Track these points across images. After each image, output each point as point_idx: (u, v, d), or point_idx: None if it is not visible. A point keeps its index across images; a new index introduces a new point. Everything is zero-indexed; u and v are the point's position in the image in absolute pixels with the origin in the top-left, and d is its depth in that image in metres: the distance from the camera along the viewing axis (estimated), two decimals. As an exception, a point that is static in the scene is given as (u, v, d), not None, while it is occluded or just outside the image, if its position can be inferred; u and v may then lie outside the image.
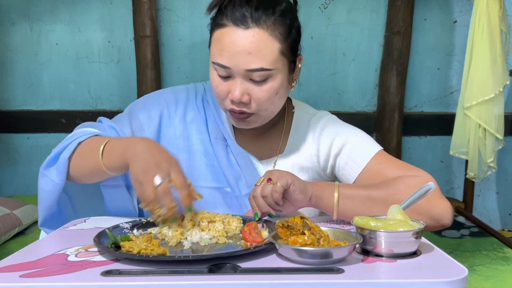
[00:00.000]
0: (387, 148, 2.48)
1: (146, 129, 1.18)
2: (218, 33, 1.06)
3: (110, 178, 1.10)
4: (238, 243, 0.90)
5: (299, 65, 1.16)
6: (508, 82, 2.26)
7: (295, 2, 1.15)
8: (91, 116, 2.53)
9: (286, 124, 1.24)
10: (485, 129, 2.27)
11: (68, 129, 2.52)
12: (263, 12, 1.03)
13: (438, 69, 2.64)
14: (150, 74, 2.46)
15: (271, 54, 1.04)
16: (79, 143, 1.10)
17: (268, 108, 1.10)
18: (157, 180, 0.92)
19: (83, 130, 1.15)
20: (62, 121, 2.54)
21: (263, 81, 1.06)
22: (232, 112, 1.10)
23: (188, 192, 0.94)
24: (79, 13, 2.49)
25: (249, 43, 1.03)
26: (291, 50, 1.10)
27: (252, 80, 1.06)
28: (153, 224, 1.01)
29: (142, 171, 0.94)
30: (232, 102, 1.08)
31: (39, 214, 1.16)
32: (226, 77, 1.07)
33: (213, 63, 1.07)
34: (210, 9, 1.09)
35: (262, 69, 1.04)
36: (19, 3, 2.47)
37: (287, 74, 1.11)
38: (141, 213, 1.16)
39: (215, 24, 1.08)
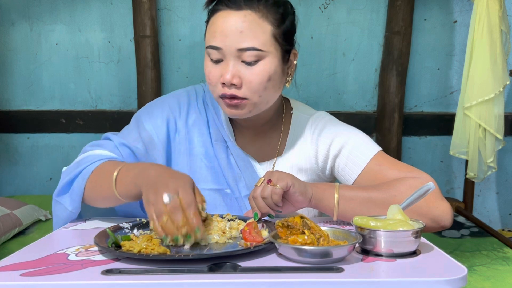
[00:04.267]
0: (387, 148, 2.48)
1: (155, 139, 1.18)
2: (212, 19, 1.09)
3: None
4: (238, 242, 0.90)
5: (295, 62, 1.16)
6: (508, 82, 2.26)
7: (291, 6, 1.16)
8: (91, 116, 2.53)
9: (284, 125, 1.24)
10: (485, 129, 2.27)
11: (68, 129, 2.53)
12: None
13: (438, 69, 2.64)
14: (150, 74, 2.46)
15: (262, 35, 1.06)
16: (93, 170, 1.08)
17: (261, 94, 1.10)
18: (166, 198, 0.87)
19: (94, 154, 1.12)
20: (62, 121, 2.54)
21: (255, 62, 1.07)
22: (223, 97, 1.10)
23: (195, 211, 0.88)
24: (79, 13, 2.49)
25: (241, 22, 1.05)
26: (285, 39, 1.11)
27: (244, 62, 1.07)
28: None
29: (151, 192, 0.90)
30: (223, 85, 1.09)
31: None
32: (219, 61, 1.09)
33: (207, 48, 1.09)
34: (208, 3, 1.12)
35: (253, 49, 1.06)
36: (19, 3, 2.47)
37: (281, 62, 1.11)
38: None
39: (210, 12, 1.11)
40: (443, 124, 2.63)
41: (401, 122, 2.59)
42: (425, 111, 2.67)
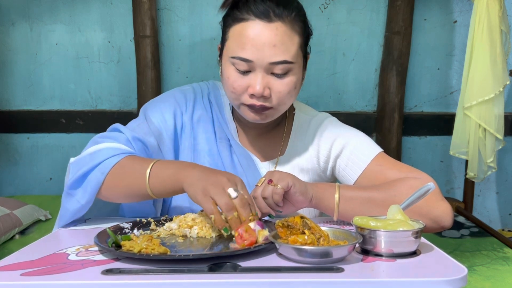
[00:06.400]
0: (387, 148, 2.48)
1: (164, 134, 1.18)
2: (238, 27, 1.07)
3: None
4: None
5: (306, 64, 1.18)
6: (508, 82, 2.26)
7: None
8: (91, 116, 2.53)
9: (287, 126, 1.25)
10: (485, 129, 2.27)
11: (68, 129, 2.53)
12: (284, 8, 1.07)
13: (438, 69, 2.64)
14: (150, 74, 2.46)
15: (293, 47, 1.07)
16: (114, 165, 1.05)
17: (286, 102, 1.12)
18: (233, 193, 0.89)
19: (111, 148, 1.08)
20: (62, 121, 2.54)
21: (284, 74, 1.08)
22: (251, 106, 1.10)
23: (252, 217, 0.90)
24: (79, 13, 2.49)
25: (273, 36, 1.05)
26: (305, 45, 1.13)
27: (273, 74, 1.07)
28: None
29: (211, 185, 0.90)
30: (252, 96, 1.08)
31: (56, 227, 1.11)
32: (245, 72, 1.08)
33: (233, 57, 1.07)
34: (226, 5, 1.11)
35: (285, 62, 1.06)
36: (19, 3, 2.47)
37: (302, 69, 1.14)
38: None
39: (234, 20, 1.08)
40: (443, 124, 2.63)
41: (401, 122, 2.59)
42: (425, 111, 2.67)
